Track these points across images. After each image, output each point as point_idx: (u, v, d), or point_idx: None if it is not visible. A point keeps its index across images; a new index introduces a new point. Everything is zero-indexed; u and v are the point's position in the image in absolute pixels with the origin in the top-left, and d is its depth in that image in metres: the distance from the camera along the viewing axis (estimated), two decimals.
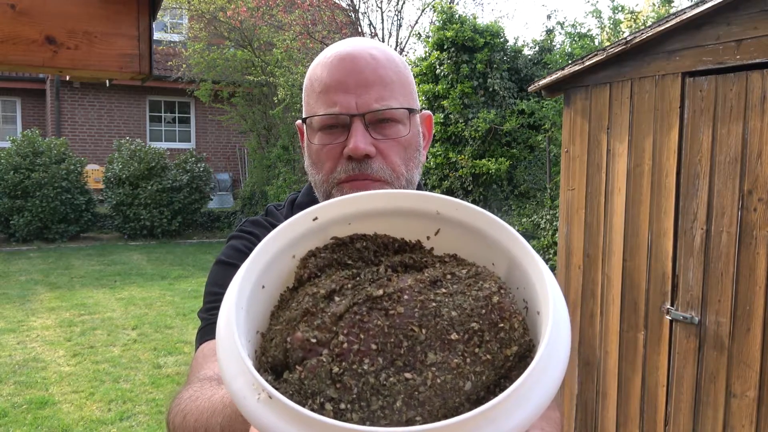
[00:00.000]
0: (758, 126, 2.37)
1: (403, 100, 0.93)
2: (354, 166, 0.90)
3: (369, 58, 0.91)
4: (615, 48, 2.83)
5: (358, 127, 0.89)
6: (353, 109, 0.89)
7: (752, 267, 2.40)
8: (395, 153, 0.92)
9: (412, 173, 0.95)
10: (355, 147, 0.88)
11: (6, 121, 14.61)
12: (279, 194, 10.60)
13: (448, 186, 7.46)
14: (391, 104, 0.91)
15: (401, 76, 0.94)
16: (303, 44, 11.08)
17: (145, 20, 1.74)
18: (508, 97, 7.51)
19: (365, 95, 0.89)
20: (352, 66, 0.90)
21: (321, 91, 0.92)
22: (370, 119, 0.90)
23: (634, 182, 2.83)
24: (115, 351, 5.50)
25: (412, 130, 0.94)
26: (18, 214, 10.51)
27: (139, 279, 8.40)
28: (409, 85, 0.96)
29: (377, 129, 0.91)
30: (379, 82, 0.90)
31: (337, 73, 0.91)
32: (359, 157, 0.89)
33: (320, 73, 0.93)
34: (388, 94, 0.91)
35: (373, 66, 0.91)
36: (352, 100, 0.89)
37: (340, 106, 0.90)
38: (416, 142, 0.96)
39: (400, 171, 0.92)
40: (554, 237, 5.99)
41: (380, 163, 0.91)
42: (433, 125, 1.05)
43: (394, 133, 0.92)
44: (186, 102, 14.98)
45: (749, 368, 2.42)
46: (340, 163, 0.91)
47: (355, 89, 0.89)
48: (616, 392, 2.93)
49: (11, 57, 1.62)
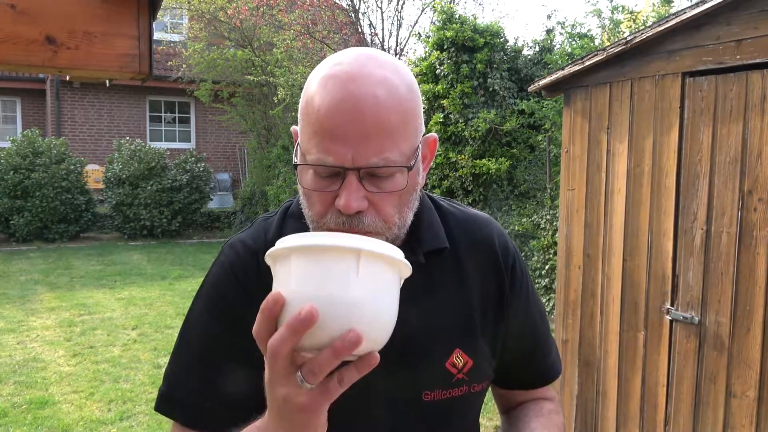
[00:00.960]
0: (758, 126, 2.37)
1: (405, 147, 0.86)
2: (345, 220, 0.85)
3: (372, 101, 0.82)
4: (615, 48, 2.83)
5: (352, 182, 0.83)
6: (348, 162, 0.82)
7: (752, 267, 2.40)
8: (389, 204, 0.87)
9: (405, 219, 0.90)
10: (347, 205, 0.83)
11: (6, 121, 14.62)
12: (279, 194, 10.60)
13: (448, 186, 7.46)
14: (391, 157, 0.83)
15: (407, 114, 0.86)
16: (303, 44, 11.09)
17: (145, 20, 1.74)
18: (508, 97, 7.51)
19: (363, 147, 0.82)
20: (353, 110, 0.82)
21: (317, 131, 0.84)
22: (365, 173, 0.84)
23: (634, 182, 2.83)
24: (115, 351, 5.50)
25: (411, 179, 0.88)
26: (18, 214, 10.52)
27: (139, 279, 8.40)
28: (414, 120, 0.88)
29: (373, 181, 0.85)
30: (381, 131, 0.82)
31: (336, 116, 0.82)
32: (350, 214, 0.85)
33: (317, 106, 0.84)
34: (389, 144, 0.83)
35: (375, 111, 0.82)
36: (348, 152, 0.82)
37: (334, 156, 0.82)
38: (413, 188, 0.90)
39: (393, 221, 0.87)
40: (554, 237, 5.99)
41: (372, 217, 0.86)
42: (437, 146, 0.98)
43: (391, 186, 0.86)
44: (186, 102, 14.98)
45: (749, 368, 2.42)
46: (330, 210, 0.87)
47: (353, 140, 0.82)
48: (616, 392, 2.93)
49: (11, 57, 1.62)
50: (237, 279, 0.97)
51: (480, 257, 1.04)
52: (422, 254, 0.97)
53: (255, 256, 0.97)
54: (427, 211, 1.02)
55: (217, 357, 0.96)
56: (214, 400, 0.95)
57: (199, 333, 0.99)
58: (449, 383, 0.97)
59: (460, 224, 1.06)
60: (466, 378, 0.98)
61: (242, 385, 0.93)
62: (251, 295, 0.92)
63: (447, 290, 0.99)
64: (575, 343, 3.12)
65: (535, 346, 1.13)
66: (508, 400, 1.18)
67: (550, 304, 5.86)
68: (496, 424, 3.99)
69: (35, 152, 10.64)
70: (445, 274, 1.00)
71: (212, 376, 0.96)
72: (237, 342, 0.92)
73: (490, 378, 1.05)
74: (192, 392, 0.97)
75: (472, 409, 1.05)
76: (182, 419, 0.97)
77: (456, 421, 1.00)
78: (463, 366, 0.98)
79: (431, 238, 0.99)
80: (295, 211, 1.02)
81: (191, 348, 1.00)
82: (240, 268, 0.98)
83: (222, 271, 0.99)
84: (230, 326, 0.95)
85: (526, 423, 1.09)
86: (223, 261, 1.00)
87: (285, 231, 0.99)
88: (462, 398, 0.99)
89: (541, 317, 1.14)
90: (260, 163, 12.32)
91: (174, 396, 0.98)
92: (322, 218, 0.88)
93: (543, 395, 1.16)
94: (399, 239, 0.93)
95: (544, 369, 1.15)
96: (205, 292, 1.00)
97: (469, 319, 1.00)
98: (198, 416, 0.96)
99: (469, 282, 1.02)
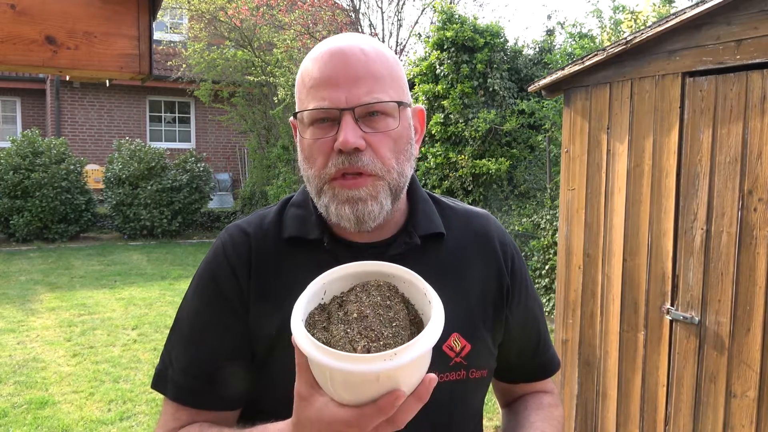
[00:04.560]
0: (758, 126, 2.37)
1: (393, 94, 0.93)
2: (344, 159, 0.90)
3: (359, 53, 0.92)
4: (615, 48, 2.83)
5: (348, 121, 0.90)
6: (343, 103, 0.90)
7: (752, 267, 2.40)
8: (385, 146, 0.93)
9: (402, 166, 0.95)
10: (345, 141, 0.89)
11: (6, 121, 14.62)
12: (279, 194, 10.60)
13: (448, 186, 7.46)
14: (381, 97, 0.91)
15: (392, 70, 0.95)
16: (303, 44, 11.09)
17: (145, 20, 1.74)
18: (508, 97, 7.51)
19: (355, 89, 0.90)
20: (343, 61, 0.91)
21: (311, 86, 0.93)
22: (359, 113, 0.91)
23: (634, 182, 2.83)
24: (115, 351, 5.50)
25: (403, 123, 0.95)
26: (18, 214, 10.51)
27: (139, 279, 8.40)
28: (400, 79, 0.97)
29: (367, 122, 0.92)
30: (369, 76, 0.91)
31: (327, 69, 0.91)
32: (349, 151, 0.90)
33: (311, 69, 0.94)
34: (378, 87, 0.91)
35: (363, 60, 0.92)
36: (342, 94, 0.90)
37: (329, 100, 0.90)
38: (407, 135, 0.97)
39: (391, 164, 0.93)
40: (554, 237, 5.99)
41: (370, 156, 0.91)
42: (426, 119, 1.06)
43: (384, 126, 0.93)
44: (186, 102, 14.98)
45: (749, 368, 2.42)
46: (331, 157, 0.92)
47: (345, 84, 0.90)
48: (616, 392, 2.93)
49: (11, 57, 1.62)
50: (228, 261, 1.00)
51: (479, 248, 1.07)
52: (418, 237, 1.01)
53: (247, 237, 1.02)
54: (423, 201, 1.06)
55: (206, 336, 0.99)
56: (203, 378, 0.98)
57: (189, 313, 1.03)
58: (447, 366, 0.98)
59: (459, 217, 1.09)
60: (464, 362, 0.99)
61: (230, 365, 0.97)
62: (240, 276, 0.98)
63: (445, 276, 1.01)
64: (575, 343, 3.12)
65: (537, 338, 1.15)
66: (508, 394, 1.19)
67: (550, 304, 5.86)
68: (496, 424, 3.99)
69: (35, 152, 10.64)
70: (444, 260, 1.03)
71: (200, 356, 0.99)
72: (223, 322, 0.98)
73: (490, 368, 1.05)
74: (182, 370, 0.99)
75: (472, 399, 1.05)
76: (172, 395, 1.00)
77: (455, 408, 1.00)
78: (461, 350, 0.99)
79: (427, 223, 1.03)
80: (296, 201, 1.05)
81: (182, 328, 1.03)
82: (232, 251, 1.01)
83: (214, 255, 1.03)
84: (219, 307, 0.99)
85: (526, 416, 1.10)
86: (218, 245, 1.04)
87: (285, 218, 1.03)
88: (460, 384, 0.99)
89: (540, 310, 1.17)
90: (260, 163, 12.32)
91: (166, 374, 1.01)
92: (324, 168, 0.93)
93: (543, 388, 1.18)
94: (401, 191, 0.97)
95: (546, 361, 1.17)
96: (199, 274, 1.04)
97: (467, 305, 1.02)
98: (187, 393, 0.98)
99: (468, 271, 1.04)
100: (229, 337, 0.97)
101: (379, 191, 0.93)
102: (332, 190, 0.93)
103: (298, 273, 0.97)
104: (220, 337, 0.98)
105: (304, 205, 1.03)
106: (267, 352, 0.96)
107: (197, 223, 12.29)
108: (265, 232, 1.02)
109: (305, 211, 1.02)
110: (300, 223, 1.01)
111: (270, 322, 0.96)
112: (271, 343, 0.95)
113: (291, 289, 0.97)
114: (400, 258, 0.98)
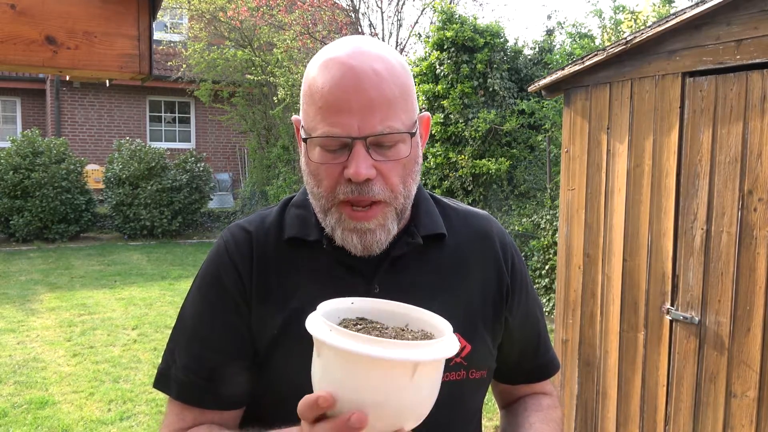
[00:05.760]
0: (758, 126, 2.37)
1: (405, 118, 0.91)
2: (354, 188, 0.89)
3: (372, 74, 0.88)
4: (615, 48, 2.83)
5: (360, 151, 0.87)
6: (355, 132, 0.87)
7: (752, 267, 2.40)
8: (395, 173, 0.91)
9: (409, 189, 0.95)
10: (357, 173, 0.87)
11: (6, 121, 14.62)
12: (279, 194, 10.60)
13: (448, 186, 7.46)
14: (395, 125, 0.89)
15: (403, 88, 0.91)
16: (303, 44, 11.10)
17: (145, 20, 1.74)
18: (508, 97, 7.51)
19: (369, 117, 0.87)
20: (355, 84, 0.87)
21: (321, 107, 0.89)
22: (372, 142, 0.88)
23: (634, 182, 2.83)
24: (115, 351, 5.50)
25: (413, 149, 0.93)
26: (18, 214, 10.51)
27: (139, 279, 8.40)
28: (410, 95, 0.94)
29: (379, 151, 0.90)
30: (383, 101, 0.88)
31: (339, 90, 0.87)
32: (359, 182, 0.89)
33: (320, 85, 0.89)
34: (391, 114, 0.88)
35: (376, 83, 0.87)
36: (354, 122, 0.87)
37: (341, 128, 0.87)
38: (416, 158, 0.95)
39: (399, 190, 0.92)
40: (554, 237, 5.99)
41: (380, 185, 0.90)
42: (431, 125, 1.05)
43: (395, 155, 0.91)
44: (186, 102, 14.98)
45: (749, 368, 2.42)
46: (339, 183, 0.90)
47: (358, 110, 0.87)
48: (616, 392, 2.93)
49: (11, 57, 1.62)
50: (231, 259, 1.00)
51: (480, 249, 1.07)
52: (420, 237, 1.00)
53: (249, 235, 1.02)
54: (425, 202, 1.06)
55: (209, 335, 0.99)
56: (205, 376, 0.98)
57: (193, 312, 1.02)
58: (446, 366, 0.98)
59: (460, 218, 1.09)
60: (464, 363, 0.99)
61: (234, 363, 0.97)
62: (243, 275, 0.98)
63: (446, 276, 1.01)
64: (575, 343, 3.12)
65: (537, 340, 1.15)
66: (508, 395, 1.20)
67: (550, 304, 5.86)
68: (496, 424, 3.99)
69: (35, 152, 10.64)
70: (445, 260, 1.03)
71: (203, 354, 0.99)
72: (227, 320, 0.98)
73: (490, 368, 1.06)
74: (184, 368, 0.99)
75: (472, 399, 1.05)
76: (175, 394, 1.00)
77: (454, 409, 1.00)
78: (461, 350, 0.99)
79: (429, 223, 1.03)
80: (297, 201, 1.05)
81: (186, 327, 1.03)
82: (234, 250, 1.01)
83: (217, 254, 1.03)
84: (223, 305, 0.99)
85: (525, 417, 1.10)
86: (220, 244, 1.04)
87: (285, 219, 1.03)
88: (460, 384, 0.99)
89: (540, 311, 1.17)
90: (260, 163, 12.33)
91: (169, 372, 1.01)
92: (332, 192, 0.91)
93: (542, 390, 1.18)
94: (405, 211, 0.97)
95: (545, 363, 1.17)
96: (202, 273, 1.04)
97: (468, 305, 1.02)
98: (190, 392, 0.98)
99: (469, 271, 1.04)
100: (233, 336, 0.97)
101: (387, 218, 0.93)
102: (339, 214, 0.93)
103: (299, 273, 0.98)
104: (224, 335, 0.98)
105: (304, 205, 1.02)
106: (268, 351, 0.96)
107: (197, 223, 12.29)
108: (266, 232, 1.02)
109: (306, 212, 1.01)
110: (300, 223, 1.01)
111: (271, 321, 0.96)
112: (273, 342, 0.95)
113: (292, 288, 0.97)
114: (402, 259, 0.99)
